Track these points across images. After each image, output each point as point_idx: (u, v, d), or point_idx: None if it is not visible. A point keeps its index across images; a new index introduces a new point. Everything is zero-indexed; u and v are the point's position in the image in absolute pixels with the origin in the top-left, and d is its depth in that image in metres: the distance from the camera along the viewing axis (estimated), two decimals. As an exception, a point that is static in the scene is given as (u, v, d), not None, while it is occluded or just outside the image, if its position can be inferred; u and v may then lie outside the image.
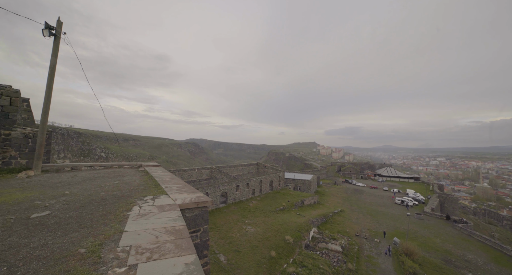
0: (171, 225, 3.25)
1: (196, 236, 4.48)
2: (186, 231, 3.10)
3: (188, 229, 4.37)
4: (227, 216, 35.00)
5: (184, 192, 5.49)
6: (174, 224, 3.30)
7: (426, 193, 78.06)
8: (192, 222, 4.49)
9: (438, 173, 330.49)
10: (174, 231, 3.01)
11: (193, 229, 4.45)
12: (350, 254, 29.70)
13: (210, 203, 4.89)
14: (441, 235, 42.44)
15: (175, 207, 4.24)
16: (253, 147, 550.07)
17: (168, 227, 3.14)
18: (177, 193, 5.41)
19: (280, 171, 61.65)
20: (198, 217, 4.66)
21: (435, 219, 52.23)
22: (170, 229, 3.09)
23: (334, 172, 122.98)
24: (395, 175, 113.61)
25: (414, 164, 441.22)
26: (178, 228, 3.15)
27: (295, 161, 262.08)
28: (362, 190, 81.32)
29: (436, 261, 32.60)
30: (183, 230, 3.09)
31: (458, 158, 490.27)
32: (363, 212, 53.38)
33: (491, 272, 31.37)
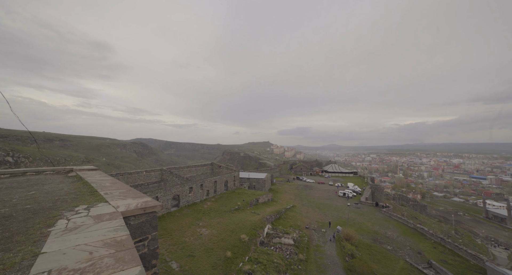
0: (111, 236, 2.79)
1: (143, 245, 4.02)
2: (130, 241, 2.72)
3: (133, 238, 3.89)
4: (179, 220, 33.01)
5: (129, 198, 4.87)
6: (115, 235, 2.85)
7: (362, 185, 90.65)
8: (138, 230, 4.01)
9: (370, 168, 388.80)
10: (115, 243, 2.59)
11: (139, 238, 3.98)
12: (301, 246, 31.99)
13: (159, 207, 4.47)
14: (371, 219, 49.97)
15: (116, 216, 3.70)
16: (207, 147, 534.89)
17: (107, 240, 2.68)
18: (120, 199, 4.76)
19: (235, 171, 61.74)
20: (145, 224, 4.20)
21: (368, 207, 61.15)
22: (109, 241, 2.65)
23: (287, 170, 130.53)
24: (339, 171, 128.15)
25: (353, 160, 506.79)
26: (120, 238, 2.73)
27: (250, 160, 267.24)
28: (311, 185, 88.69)
29: (367, 241, 38.26)
30: (126, 240, 2.70)
31: (384, 155, 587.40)
32: (312, 206, 58.28)
33: (401, 242, 38.86)
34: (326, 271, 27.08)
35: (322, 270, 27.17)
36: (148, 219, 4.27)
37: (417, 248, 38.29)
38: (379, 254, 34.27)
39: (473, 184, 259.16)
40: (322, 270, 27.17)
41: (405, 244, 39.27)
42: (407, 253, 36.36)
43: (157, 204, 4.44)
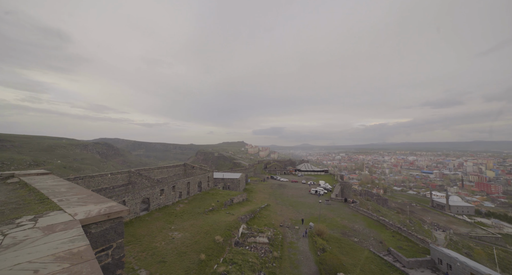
0: (66, 248, 2.44)
1: (106, 255, 3.64)
2: (90, 251, 2.41)
3: (94, 248, 3.49)
4: (150, 224, 31.14)
5: (90, 204, 4.38)
6: (71, 246, 2.50)
7: (332, 183, 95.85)
8: (100, 238, 3.62)
9: (340, 166, 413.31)
10: (70, 256, 2.26)
11: (101, 247, 3.60)
12: (276, 244, 32.59)
13: (126, 212, 4.10)
14: (341, 215, 53.15)
15: (73, 224, 3.27)
16: (180, 147, 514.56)
17: (61, 253, 2.32)
18: (79, 206, 4.25)
19: (209, 171, 60.45)
20: (109, 231, 3.81)
21: (338, 203, 64.86)
22: (63, 254, 2.30)
23: (261, 170, 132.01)
24: (311, 169, 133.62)
25: (325, 159, 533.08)
26: (77, 250, 2.40)
27: (224, 160, 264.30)
28: (285, 184, 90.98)
29: (337, 235, 40.60)
30: (85, 252, 2.38)
31: (352, 153, 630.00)
32: (286, 204, 59.80)
33: (366, 234, 42.16)
34: (299, 267, 28.00)
35: (295, 266, 28.03)
36: (113, 225, 3.89)
37: (379, 238, 41.78)
38: (347, 246, 36.59)
39: (423, 178, 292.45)
40: (295, 266, 28.03)
41: (370, 235, 42.57)
42: (371, 243, 39.47)
43: (123, 208, 4.07)
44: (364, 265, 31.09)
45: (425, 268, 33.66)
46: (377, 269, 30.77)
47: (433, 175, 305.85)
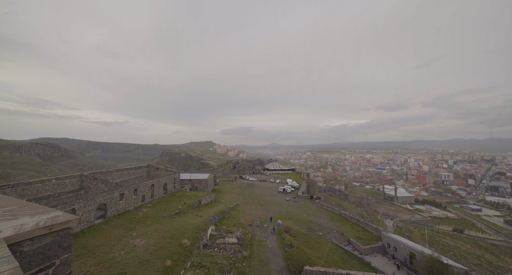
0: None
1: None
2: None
3: (29, 269, 2.89)
4: (106, 233, 28.15)
5: (24, 216, 3.64)
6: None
7: (299, 181, 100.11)
8: (37, 257, 3.01)
9: (306, 164, 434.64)
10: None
11: (39, 266, 3.00)
12: (245, 243, 32.59)
13: (75, 222, 3.51)
14: (307, 211, 55.87)
15: (-2, 242, 2.63)
16: (143, 148, 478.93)
17: None
18: (6, 220, 3.49)
19: (175, 172, 57.56)
20: (51, 246, 3.20)
21: (304, 200, 68.00)
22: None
23: (230, 170, 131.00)
24: (279, 168, 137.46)
25: (292, 158, 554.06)
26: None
27: (192, 160, 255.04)
28: (254, 184, 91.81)
29: (303, 230, 42.55)
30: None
31: (317, 152, 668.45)
32: (255, 204, 60.35)
33: (329, 227, 45.19)
34: (268, 264, 28.52)
35: (264, 263, 28.45)
36: (57, 239, 3.28)
37: (341, 230, 45.12)
38: (313, 240, 38.62)
39: (377, 174, 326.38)
40: (264, 263, 28.45)
41: (333, 228, 45.67)
42: (334, 236, 42.40)
43: (71, 218, 3.47)
44: (327, 257, 33.21)
45: (377, 252, 37.51)
46: (338, 258, 33.17)
47: (385, 170, 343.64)
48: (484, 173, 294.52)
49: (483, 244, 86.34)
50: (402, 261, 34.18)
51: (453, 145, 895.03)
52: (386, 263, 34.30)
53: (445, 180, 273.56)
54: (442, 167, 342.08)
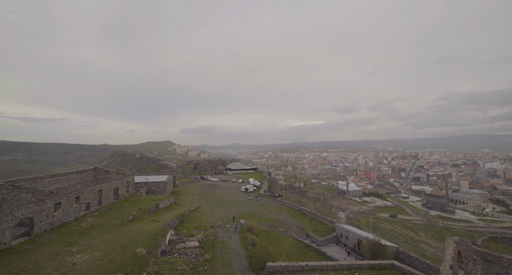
0: None
1: None
2: None
3: None
4: (32, 254, 23.51)
5: None
6: None
7: (261, 180, 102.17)
8: None
9: (268, 163, 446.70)
10: None
11: None
12: (207, 246, 31.57)
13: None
14: (269, 209, 57.39)
15: None
16: (88, 149, 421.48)
17: None
18: None
19: (128, 175, 52.29)
20: None
21: (266, 198, 69.64)
22: None
23: (191, 170, 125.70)
24: (241, 168, 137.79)
25: (254, 157, 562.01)
26: None
27: (148, 162, 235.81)
28: (216, 184, 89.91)
29: (265, 228, 43.56)
30: None
31: (278, 152, 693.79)
32: (217, 204, 59.13)
33: (290, 223, 47.53)
34: (231, 264, 28.22)
35: (227, 264, 28.05)
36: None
37: (300, 225, 47.74)
38: (275, 237, 39.84)
39: (332, 171, 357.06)
40: (227, 264, 28.05)
41: (293, 224, 47.96)
42: (294, 231, 44.58)
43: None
44: (288, 251, 34.68)
45: (332, 242, 40.98)
46: (298, 252, 34.98)
47: (339, 168, 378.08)
48: (411, 166, 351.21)
49: (408, 225, 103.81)
50: (351, 248, 38.06)
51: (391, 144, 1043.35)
52: (339, 251, 37.69)
53: (385, 174, 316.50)
54: (383, 163, 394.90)
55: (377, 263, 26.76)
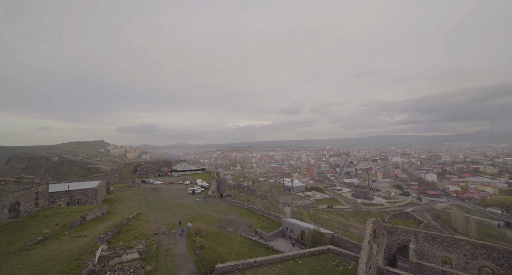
0: None
1: None
2: None
3: None
4: None
5: None
6: None
7: (209, 180, 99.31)
8: None
9: (216, 163, 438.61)
10: None
11: None
12: (149, 256, 28.42)
13: None
14: (217, 209, 56.29)
15: None
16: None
17: None
18: None
19: (38, 185, 42.08)
20: None
21: (214, 199, 68.05)
22: None
23: (129, 174, 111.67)
24: (188, 169, 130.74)
25: (202, 157, 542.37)
26: None
27: (72, 166, 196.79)
28: (159, 187, 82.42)
29: (214, 229, 42.52)
30: None
31: (227, 151, 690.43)
32: (161, 209, 54.24)
33: (239, 222, 47.88)
34: (178, 272, 26.28)
35: (173, 273, 25.98)
36: None
37: (249, 223, 48.60)
38: (224, 237, 39.27)
39: (279, 169, 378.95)
40: (173, 273, 25.98)
41: (242, 222, 48.38)
42: (243, 229, 45.03)
43: None
44: (238, 250, 34.74)
45: (279, 236, 43.35)
46: (247, 249, 35.48)
47: (284, 165, 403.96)
48: (344, 162, 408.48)
49: (341, 213, 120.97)
50: (295, 239, 41.15)
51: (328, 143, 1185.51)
52: (285, 243, 40.14)
53: (324, 170, 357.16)
54: (322, 160, 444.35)
55: (317, 250, 29.68)
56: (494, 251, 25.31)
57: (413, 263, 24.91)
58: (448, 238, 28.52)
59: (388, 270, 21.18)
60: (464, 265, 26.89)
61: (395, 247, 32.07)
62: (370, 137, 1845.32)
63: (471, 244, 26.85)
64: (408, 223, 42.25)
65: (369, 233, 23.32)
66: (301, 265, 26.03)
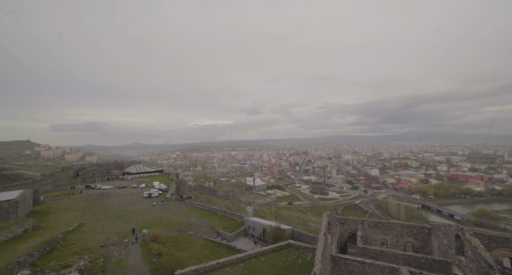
0: None
1: None
2: None
3: None
4: None
5: None
6: None
7: (168, 182, 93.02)
8: None
9: (175, 164, 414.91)
10: None
11: None
12: (94, 273, 24.93)
13: None
14: (177, 213, 53.21)
15: None
16: None
17: None
18: None
19: None
20: None
21: (174, 202, 64.13)
22: None
23: (69, 179, 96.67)
24: (144, 171, 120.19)
25: (159, 158, 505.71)
26: None
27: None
28: (109, 193, 73.45)
29: (173, 234, 40.04)
30: None
31: (187, 151, 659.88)
32: (110, 217, 48.39)
33: (200, 224, 46.29)
34: (129, 286, 23.74)
35: (123, 288, 23.35)
36: None
37: (211, 224, 47.30)
38: (184, 241, 37.26)
39: (241, 168, 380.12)
40: (123, 288, 23.35)
41: (203, 225, 46.78)
42: (205, 231, 43.57)
43: None
44: (199, 253, 33.39)
45: (241, 236, 43.37)
46: (209, 252, 34.42)
47: (246, 165, 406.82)
48: (303, 161, 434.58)
49: (300, 209, 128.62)
50: (258, 237, 41.79)
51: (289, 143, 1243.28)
52: (247, 242, 40.36)
53: (284, 169, 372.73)
54: (283, 159, 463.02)
55: (278, 246, 30.68)
56: (414, 229, 30.86)
57: (360, 248, 27.98)
58: (385, 223, 33.09)
59: (340, 257, 23.24)
60: (395, 243, 31.73)
61: (346, 235, 35.50)
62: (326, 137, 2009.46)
63: (400, 225, 31.92)
64: (357, 213, 47.36)
65: (324, 226, 25.19)
66: (263, 262, 26.51)
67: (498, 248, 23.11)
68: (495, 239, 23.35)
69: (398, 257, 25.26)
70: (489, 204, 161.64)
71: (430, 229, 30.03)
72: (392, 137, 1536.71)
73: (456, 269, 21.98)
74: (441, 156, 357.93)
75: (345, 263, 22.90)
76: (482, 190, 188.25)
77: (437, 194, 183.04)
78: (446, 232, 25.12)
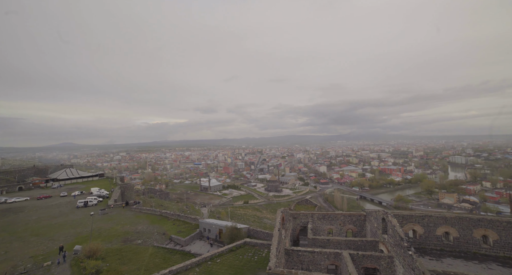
0: None
1: None
2: None
3: None
4: None
5: None
6: None
7: (110, 187, 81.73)
8: None
9: (120, 167, 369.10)
10: None
11: None
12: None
13: None
14: (122, 221, 47.42)
15: None
16: None
17: None
18: None
19: None
20: None
21: (118, 209, 56.85)
22: None
23: (-33, 190, 74.80)
24: (78, 176, 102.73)
25: (99, 161, 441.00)
26: None
27: None
28: (22, 206, 59.21)
29: (117, 246, 35.47)
30: None
31: (134, 152, 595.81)
32: (22, 237, 39.00)
33: (150, 232, 42.49)
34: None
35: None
36: None
37: (162, 230, 43.79)
38: (130, 252, 33.40)
39: (195, 169, 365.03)
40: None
41: (153, 231, 42.94)
42: (156, 238, 40.02)
43: None
44: (148, 264, 30.46)
45: (196, 239, 41.57)
46: (160, 260, 31.79)
47: (201, 165, 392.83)
48: (258, 160, 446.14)
49: (256, 207, 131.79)
50: (214, 239, 40.80)
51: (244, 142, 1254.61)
52: (203, 245, 38.93)
53: (240, 168, 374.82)
54: (239, 158, 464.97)
55: (234, 245, 30.61)
56: (353, 217, 35.74)
57: (310, 239, 30.37)
58: (331, 214, 37.00)
59: (292, 250, 24.71)
60: (339, 231, 35.93)
61: (298, 229, 38.01)
62: (280, 136, 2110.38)
63: (343, 215, 36.33)
64: (308, 208, 51.25)
65: (279, 222, 26.35)
66: (220, 263, 26.00)
67: (407, 224, 29.54)
68: (405, 217, 29.84)
69: (341, 243, 28.45)
70: (404, 191, 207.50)
71: (365, 215, 34.95)
72: (338, 137, 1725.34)
73: (381, 246, 26.26)
74: (374, 153, 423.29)
75: (297, 255, 24.45)
76: (400, 179, 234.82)
77: (371, 186, 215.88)
78: (376, 217, 29.66)
